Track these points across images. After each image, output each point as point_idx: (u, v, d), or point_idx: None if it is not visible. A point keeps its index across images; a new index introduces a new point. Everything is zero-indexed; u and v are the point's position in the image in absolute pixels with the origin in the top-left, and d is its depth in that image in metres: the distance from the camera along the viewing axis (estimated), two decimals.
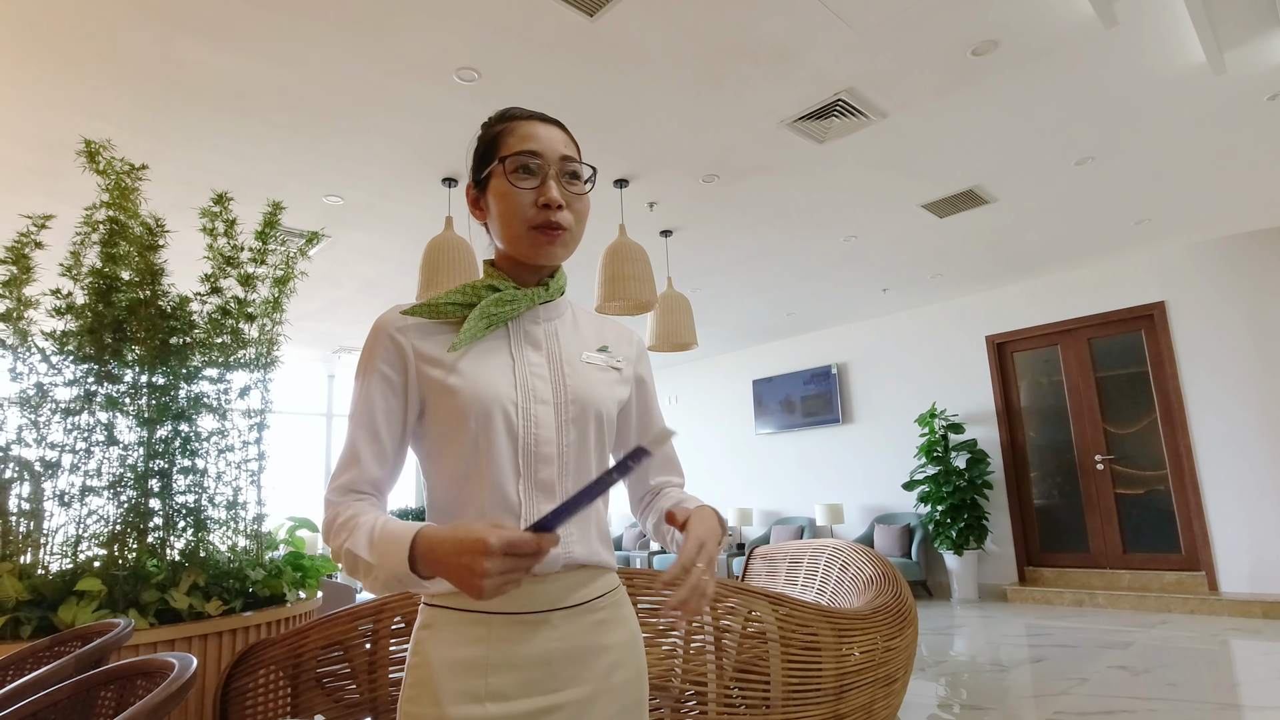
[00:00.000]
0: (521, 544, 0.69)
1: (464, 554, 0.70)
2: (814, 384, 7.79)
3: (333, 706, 1.95)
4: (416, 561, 0.75)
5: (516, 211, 0.89)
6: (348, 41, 2.70)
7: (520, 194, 0.89)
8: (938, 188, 4.29)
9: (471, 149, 0.97)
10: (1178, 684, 3.44)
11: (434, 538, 0.74)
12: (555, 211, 0.89)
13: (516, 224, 0.90)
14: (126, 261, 2.51)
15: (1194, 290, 5.55)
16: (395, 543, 0.76)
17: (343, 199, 4.04)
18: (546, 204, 0.89)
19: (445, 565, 0.72)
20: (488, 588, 0.69)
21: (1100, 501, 5.98)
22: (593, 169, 0.95)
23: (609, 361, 0.98)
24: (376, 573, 0.77)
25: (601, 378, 0.96)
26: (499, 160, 0.91)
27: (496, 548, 0.68)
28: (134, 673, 1.15)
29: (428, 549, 0.74)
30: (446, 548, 0.72)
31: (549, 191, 0.89)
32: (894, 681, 2.29)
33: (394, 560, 0.75)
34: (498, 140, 0.93)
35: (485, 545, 0.69)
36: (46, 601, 2.08)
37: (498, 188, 0.91)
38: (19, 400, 2.35)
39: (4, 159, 3.40)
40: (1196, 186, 4.43)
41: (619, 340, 1.03)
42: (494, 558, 0.68)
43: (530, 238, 0.90)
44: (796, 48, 2.87)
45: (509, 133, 0.92)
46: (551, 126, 0.93)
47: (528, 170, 0.90)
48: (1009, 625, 5.11)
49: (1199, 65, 3.06)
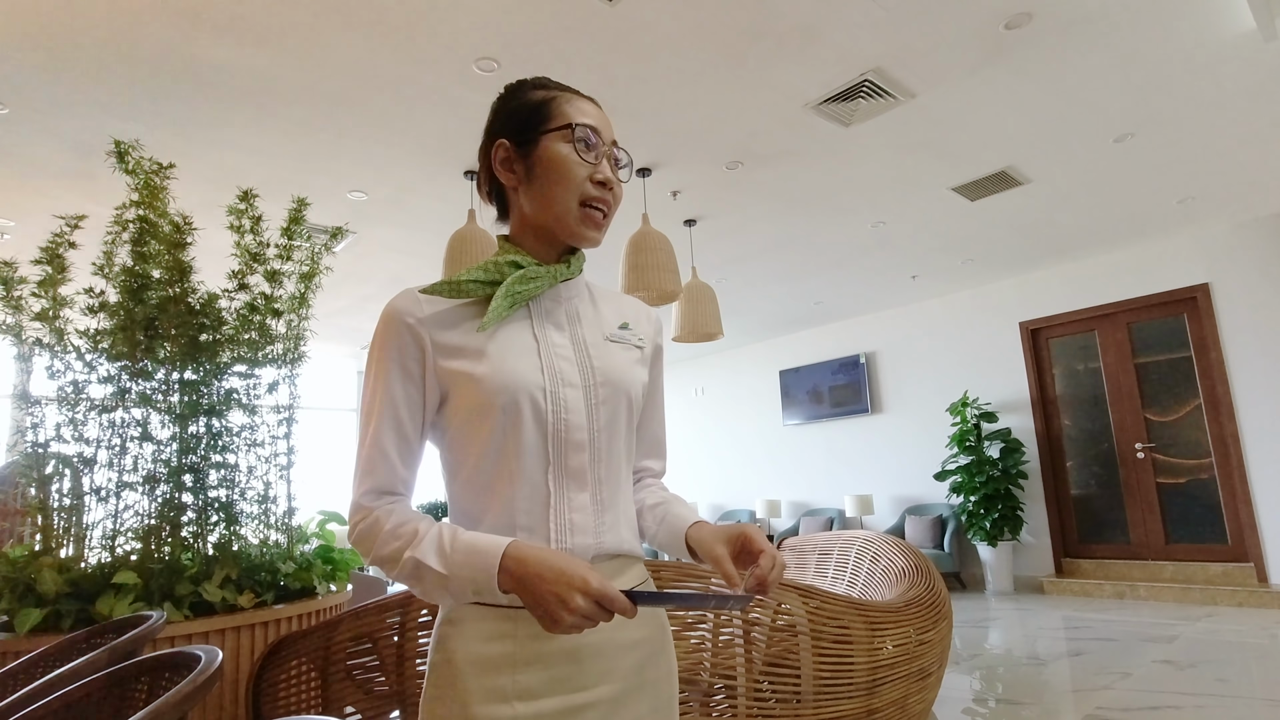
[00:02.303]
0: (615, 600, 0.69)
1: (561, 583, 0.70)
2: (842, 374, 7.68)
3: (362, 698, 1.96)
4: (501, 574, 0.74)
5: (573, 182, 0.86)
6: (367, 35, 2.70)
7: (582, 166, 0.86)
8: (969, 170, 4.17)
9: (505, 106, 0.92)
10: (1227, 679, 3.31)
11: (530, 557, 0.73)
12: (609, 191, 0.88)
13: (570, 195, 0.86)
14: (157, 260, 2.54)
15: (1240, 271, 5.33)
16: (480, 555, 0.75)
17: (367, 195, 4.07)
18: (603, 182, 0.87)
19: (534, 587, 0.71)
20: (568, 622, 0.69)
21: (1141, 491, 5.80)
22: (630, 158, 0.93)
23: (632, 340, 0.95)
24: (449, 583, 0.75)
25: (626, 357, 0.92)
26: (567, 126, 0.87)
27: (595, 589, 0.69)
28: (162, 665, 1.15)
29: (519, 564, 0.73)
30: (543, 570, 0.71)
31: (606, 171, 0.87)
32: (928, 675, 2.23)
33: (478, 572, 0.74)
34: (552, 106, 0.88)
35: (587, 583, 0.69)
36: (85, 594, 2.12)
37: (555, 152, 0.87)
38: (57, 398, 2.40)
39: (38, 161, 3.48)
40: (1243, 162, 4.24)
41: (638, 317, 0.99)
42: (588, 599, 0.69)
43: (581, 214, 0.87)
44: (821, 27, 2.79)
45: (565, 102, 0.89)
46: (599, 109, 0.92)
47: (589, 145, 0.87)
48: (1046, 618, 4.99)
49: (1248, 32, 2.92)
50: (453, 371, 0.83)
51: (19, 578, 2.11)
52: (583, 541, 0.83)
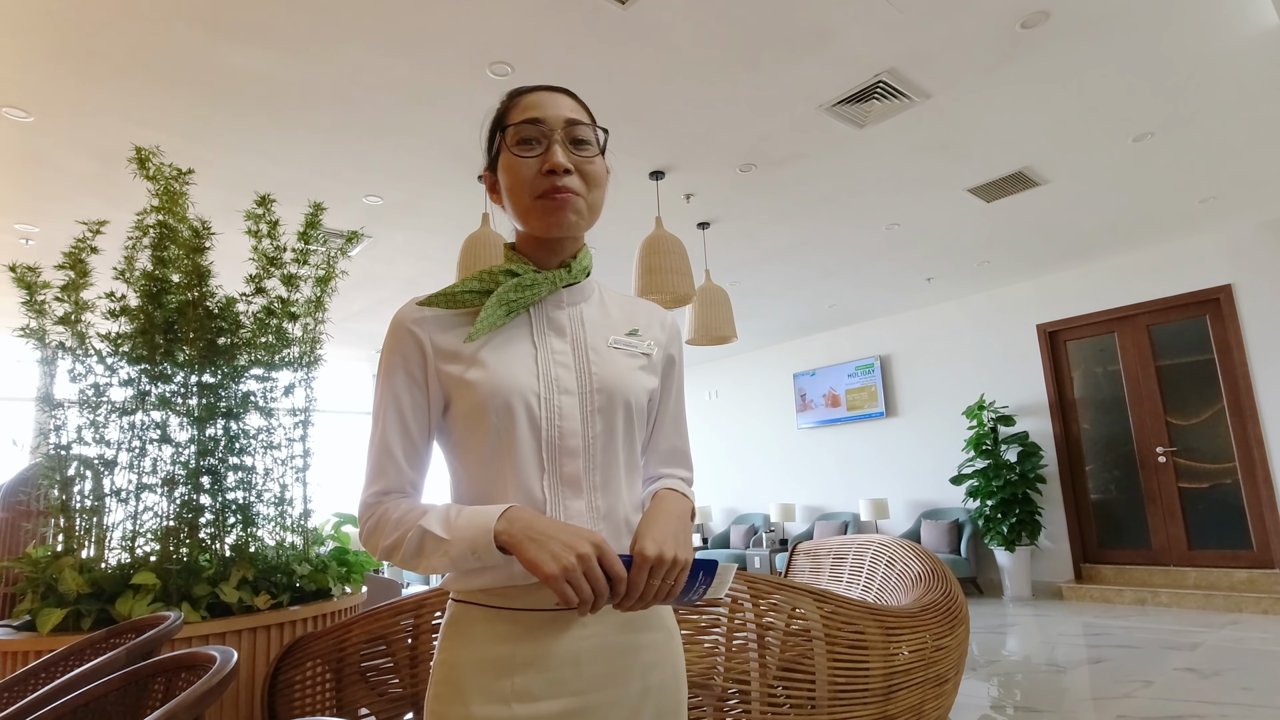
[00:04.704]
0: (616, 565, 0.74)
1: (571, 534, 0.73)
2: (857, 377, 7.63)
3: (376, 700, 1.97)
4: (502, 531, 0.75)
5: (522, 182, 0.86)
6: (383, 41, 2.72)
7: (524, 164, 0.86)
8: (985, 170, 4.13)
9: (484, 134, 0.94)
10: (1252, 688, 3.25)
11: (534, 513, 0.77)
12: (561, 176, 0.85)
13: (524, 195, 0.86)
14: (176, 264, 2.57)
15: (1264, 272, 5.24)
16: (481, 514, 0.77)
17: (382, 199, 4.10)
18: (551, 170, 0.85)
19: (541, 536, 0.73)
20: (567, 562, 0.71)
21: (1163, 496, 5.71)
22: (604, 131, 0.90)
23: (639, 346, 0.93)
24: (450, 547, 0.77)
25: (630, 364, 0.91)
26: (501, 131, 0.89)
27: (604, 547, 0.73)
28: (178, 666, 1.16)
29: (521, 518, 0.76)
30: (551, 524, 0.75)
31: (553, 157, 0.85)
32: (945, 682, 2.20)
33: (477, 531, 0.76)
34: (504, 119, 0.90)
35: (597, 538, 0.74)
36: (105, 594, 2.15)
37: (504, 163, 0.88)
38: (79, 400, 2.44)
39: (62, 167, 3.54)
40: (1266, 161, 4.17)
41: (650, 322, 0.97)
42: (592, 557, 0.72)
43: (539, 208, 0.86)
44: (835, 28, 2.78)
45: (513, 107, 0.90)
46: (557, 94, 0.89)
47: (530, 140, 0.86)
48: (1065, 624, 4.91)
49: (1271, 28, 2.87)
50: (451, 377, 0.85)
51: (41, 578, 2.15)
52: None
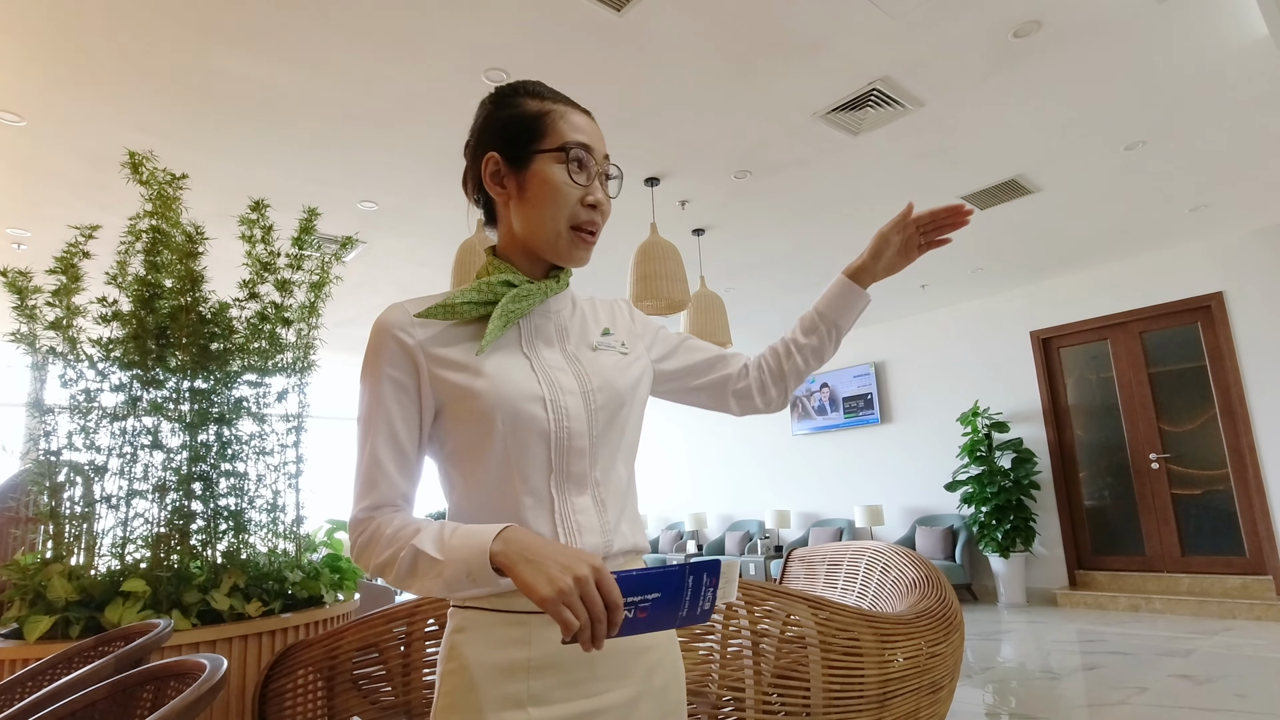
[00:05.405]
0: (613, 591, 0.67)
1: (570, 557, 0.67)
2: (852, 383, 7.65)
3: (368, 708, 1.96)
4: (499, 552, 0.70)
5: (564, 206, 0.85)
6: (376, 46, 2.72)
7: (574, 190, 0.85)
8: (978, 178, 4.15)
9: (498, 114, 0.88)
10: (1246, 695, 3.25)
11: (530, 534, 0.72)
12: (599, 212, 0.86)
13: (560, 218, 0.85)
14: (169, 269, 2.56)
15: (1255, 279, 5.27)
16: (476, 535, 0.73)
17: (377, 204, 4.09)
18: (594, 205, 0.85)
19: (538, 558, 0.68)
20: (563, 584, 0.65)
21: (1156, 502, 5.73)
22: (620, 172, 0.91)
23: (616, 345, 0.95)
24: (444, 569, 0.73)
25: (616, 363, 0.92)
26: (561, 148, 0.85)
27: (603, 571, 0.67)
28: (168, 674, 1.15)
29: (517, 539, 0.71)
30: (549, 545, 0.70)
31: (598, 193, 0.86)
32: (939, 689, 2.20)
33: (472, 552, 0.71)
34: (545, 122, 0.86)
35: (595, 561, 0.67)
36: (94, 601, 2.13)
37: (548, 174, 0.85)
38: (70, 406, 2.42)
39: (55, 172, 3.53)
40: (1257, 169, 4.21)
41: (614, 318, 0.99)
42: (590, 580, 0.65)
43: (570, 237, 0.86)
44: (829, 37, 2.80)
45: (560, 117, 0.86)
46: (592, 121, 0.90)
47: (582, 166, 0.85)
48: (1060, 631, 4.92)
49: (1260, 39, 2.90)
50: (449, 385, 0.83)
51: (29, 585, 2.12)
52: (592, 541, 0.83)
